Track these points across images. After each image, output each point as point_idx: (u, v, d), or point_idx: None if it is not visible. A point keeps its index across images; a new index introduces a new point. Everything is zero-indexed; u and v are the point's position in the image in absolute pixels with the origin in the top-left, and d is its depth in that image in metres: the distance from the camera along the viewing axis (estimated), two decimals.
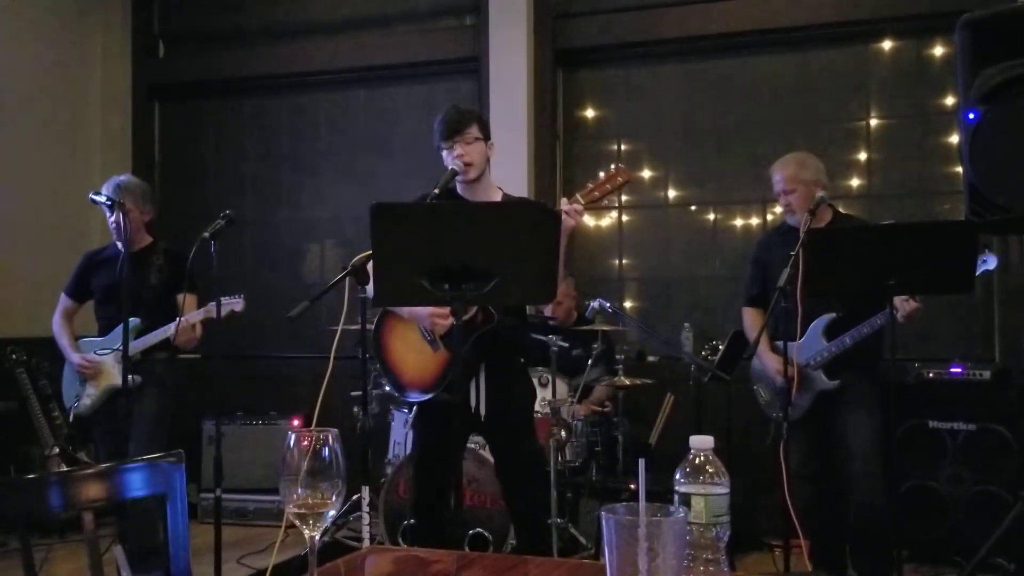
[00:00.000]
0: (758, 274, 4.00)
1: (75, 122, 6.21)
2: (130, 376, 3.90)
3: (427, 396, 3.13)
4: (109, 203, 3.84)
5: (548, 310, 4.69)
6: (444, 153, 3.11)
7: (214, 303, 3.77)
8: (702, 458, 1.19)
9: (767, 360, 3.82)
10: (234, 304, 3.90)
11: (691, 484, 1.17)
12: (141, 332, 3.95)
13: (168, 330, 3.90)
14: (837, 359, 3.67)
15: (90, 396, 4.07)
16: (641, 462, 1.05)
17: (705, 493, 1.17)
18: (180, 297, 3.96)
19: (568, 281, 4.97)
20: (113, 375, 4.00)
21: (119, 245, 4.01)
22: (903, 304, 3.45)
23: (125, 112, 6.44)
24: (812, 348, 3.71)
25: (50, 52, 6.02)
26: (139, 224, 4.09)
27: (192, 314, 3.90)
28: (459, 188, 3.16)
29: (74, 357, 4.09)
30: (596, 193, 3.02)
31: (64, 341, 4.15)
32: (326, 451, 1.21)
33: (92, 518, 1.36)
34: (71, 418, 4.22)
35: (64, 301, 4.23)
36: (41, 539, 4.53)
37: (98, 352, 4.07)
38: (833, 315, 3.69)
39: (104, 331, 4.13)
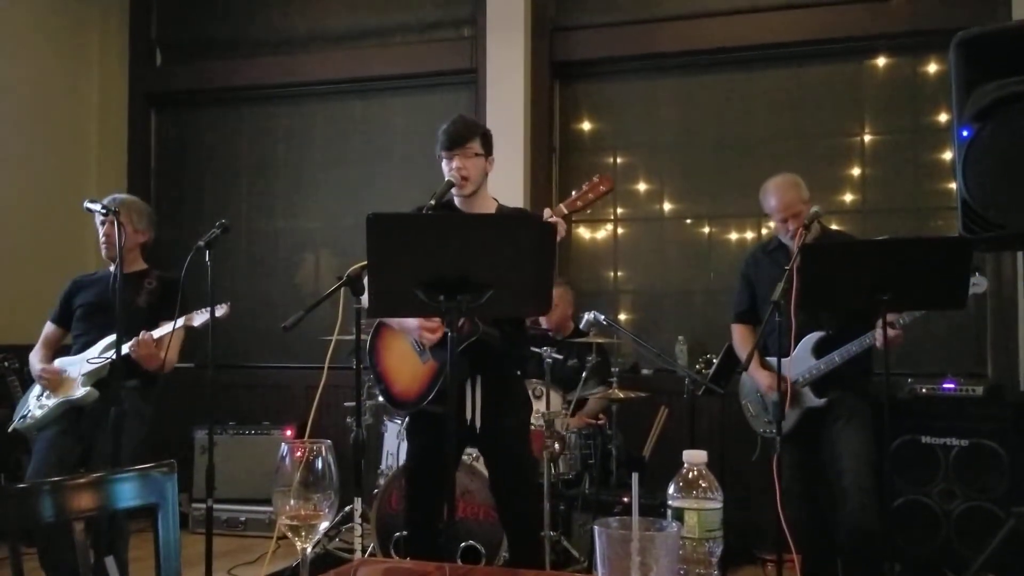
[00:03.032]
0: (747, 291, 4.02)
1: (71, 129, 6.21)
2: (88, 388, 3.72)
3: (416, 407, 3.13)
4: (104, 211, 3.72)
5: (543, 318, 4.70)
6: (443, 162, 3.12)
7: (196, 312, 3.58)
8: (695, 472, 1.20)
9: (758, 376, 3.83)
10: (218, 309, 3.58)
11: (684, 499, 1.17)
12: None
13: (128, 347, 3.59)
14: (825, 377, 3.68)
15: (42, 408, 3.76)
16: (635, 476, 1.06)
17: (698, 508, 1.17)
18: (162, 324, 3.69)
19: (566, 289, 4.97)
20: (72, 387, 3.74)
21: (111, 268, 3.83)
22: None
23: (121, 120, 6.44)
24: (801, 365, 3.72)
25: (47, 59, 6.03)
26: (133, 243, 3.85)
27: (157, 330, 3.63)
28: (456, 200, 3.17)
29: (36, 367, 3.82)
30: (579, 203, 3.04)
31: (34, 360, 3.88)
32: (319, 463, 1.21)
33: (82, 528, 1.35)
34: (10, 429, 3.89)
35: (47, 328, 3.99)
36: (29, 548, 4.50)
37: (89, 360, 3.80)
38: (823, 333, 3.70)
39: (80, 350, 3.85)
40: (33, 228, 5.77)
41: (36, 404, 3.81)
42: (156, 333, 3.63)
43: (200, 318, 3.62)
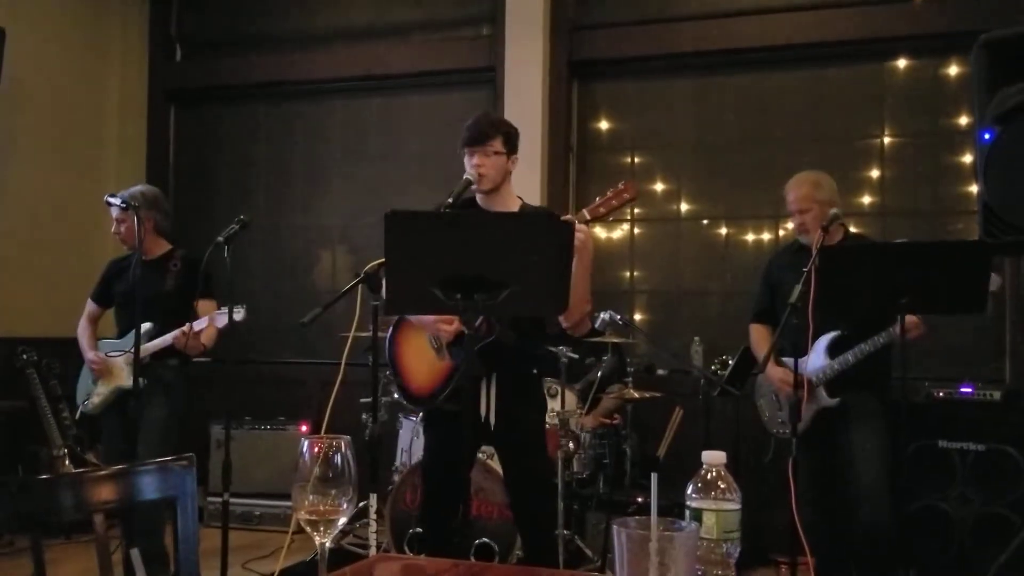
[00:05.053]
0: (768, 291, 4.00)
1: (92, 124, 6.25)
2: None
3: (430, 404, 3.14)
4: (124, 206, 3.87)
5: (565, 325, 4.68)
6: (465, 158, 3.12)
7: (217, 312, 3.89)
8: (714, 473, 1.19)
9: (772, 372, 3.82)
10: (235, 313, 3.89)
11: (703, 499, 1.17)
12: (153, 337, 3.99)
13: (172, 337, 3.95)
14: (840, 377, 3.67)
15: (100, 395, 4.14)
16: (654, 476, 1.06)
17: (717, 509, 1.17)
18: (199, 303, 4.03)
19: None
20: (122, 376, 4.09)
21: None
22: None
23: (141, 115, 6.48)
24: (815, 365, 3.70)
25: (68, 54, 6.07)
26: (147, 229, 4.05)
27: (196, 322, 3.94)
28: (478, 197, 3.17)
29: (88, 354, 4.18)
30: (602, 209, 3.02)
31: (83, 342, 4.24)
32: (338, 458, 1.21)
33: (103, 520, 1.36)
34: (78, 416, 4.31)
35: (89, 305, 4.32)
36: (47, 539, 4.53)
37: (109, 354, 4.12)
38: (838, 333, 3.69)
39: (120, 335, 4.19)
40: (53, 223, 5.81)
41: (95, 391, 4.16)
42: (196, 326, 3.93)
43: (222, 319, 3.91)
